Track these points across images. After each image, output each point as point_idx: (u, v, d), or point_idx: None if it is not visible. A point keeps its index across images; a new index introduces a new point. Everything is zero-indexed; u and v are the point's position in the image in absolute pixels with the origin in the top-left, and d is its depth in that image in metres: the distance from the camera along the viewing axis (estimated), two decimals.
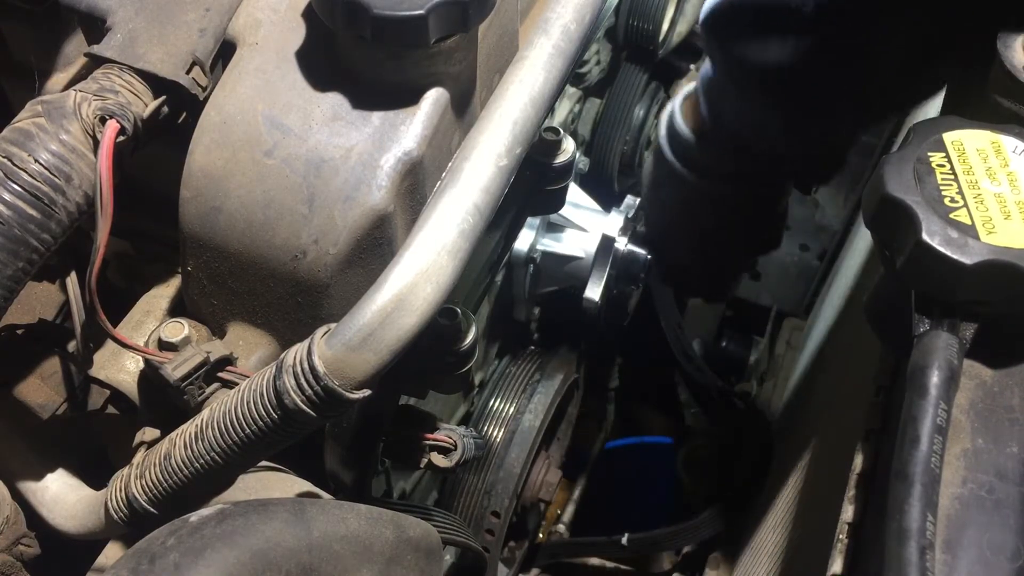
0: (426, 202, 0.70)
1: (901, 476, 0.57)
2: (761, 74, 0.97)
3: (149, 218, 0.81)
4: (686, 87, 1.22)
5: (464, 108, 0.75)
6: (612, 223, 1.39)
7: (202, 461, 0.67)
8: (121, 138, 0.67)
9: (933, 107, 1.04)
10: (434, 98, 0.70)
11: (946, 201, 0.65)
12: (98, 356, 0.78)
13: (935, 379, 0.60)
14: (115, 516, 0.72)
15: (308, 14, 0.72)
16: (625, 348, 1.87)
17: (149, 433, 0.76)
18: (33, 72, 0.80)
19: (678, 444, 1.79)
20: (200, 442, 0.67)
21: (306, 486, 0.75)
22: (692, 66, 1.86)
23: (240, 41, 0.73)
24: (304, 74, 0.71)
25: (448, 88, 0.71)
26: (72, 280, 0.75)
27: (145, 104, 0.70)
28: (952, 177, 0.67)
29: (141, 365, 0.76)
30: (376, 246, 0.70)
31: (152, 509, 0.70)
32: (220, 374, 0.73)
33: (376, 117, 0.69)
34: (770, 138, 1.07)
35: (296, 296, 0.72)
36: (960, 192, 0.66)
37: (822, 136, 1.07)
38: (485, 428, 1.34)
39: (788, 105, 1.00)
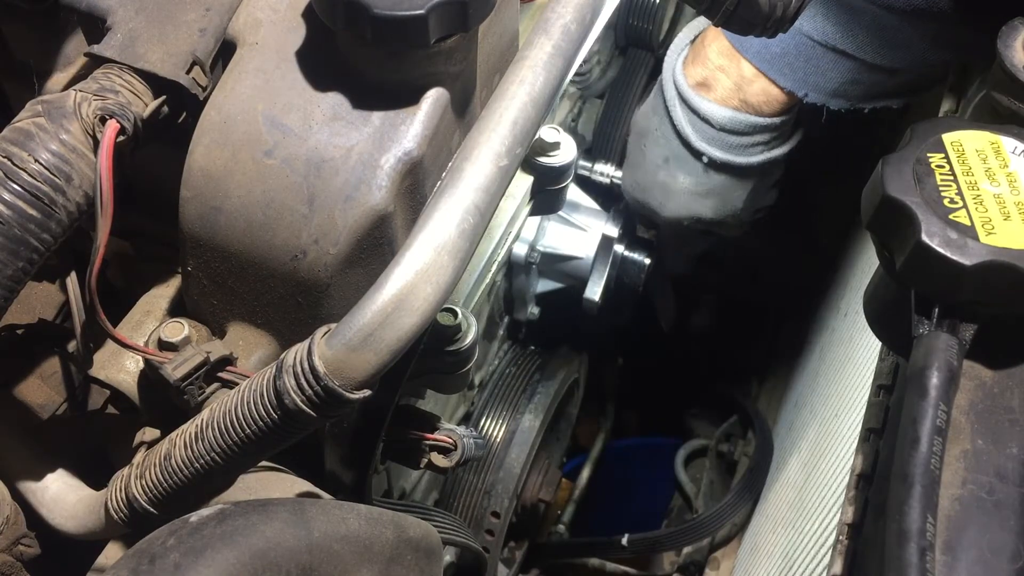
0: (426, 202, 0.70)
1: (901, 477, 0.57)
2: None
3: (149, 218, 0.81)
4: (707, 100, 1.21)
5: (464, 108, 0.75)
6: (612, 223, 1.39)
7: (202, 461, 0.67)
8: (121, 138, 0.67)
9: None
10: (434, 98, 0.70)
11: (945, 202, 0.65)
12: (98, 356, 0.78)
13: (935, 380, 0.60)
14: (115, 516, 0.72)
15: (308, 14, 0.72)
16: (625, 348, 1.87)
17: (149, 433, 0.76)
18: (33, 72, 0.80)
19: (678, 444, 1.79)
20: (200, 442, 0.67)
21: (306, 486, 0.75)
22: None
23: (240, 41, 0.73)
24: (304, 74, 0.71)
25: (448, 88, 0.71)
26: (72, 280, 0.75)
27: (145, 104, 0.70)
28: (951, 178, 0.67)
29: (141, 365, 0.76)
30: (376, 246, 0.70)
31: (152, 509, 0.70)
32: (220, 374, 0.73)
33: (376, 117, 0.69)
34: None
35: (296, 296, 0.72)
36: (959, 193, 0.66)
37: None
38: (485, 428, 1.34)
39: None
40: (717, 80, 1.21)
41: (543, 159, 0.92)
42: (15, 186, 0.63)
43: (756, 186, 1.32)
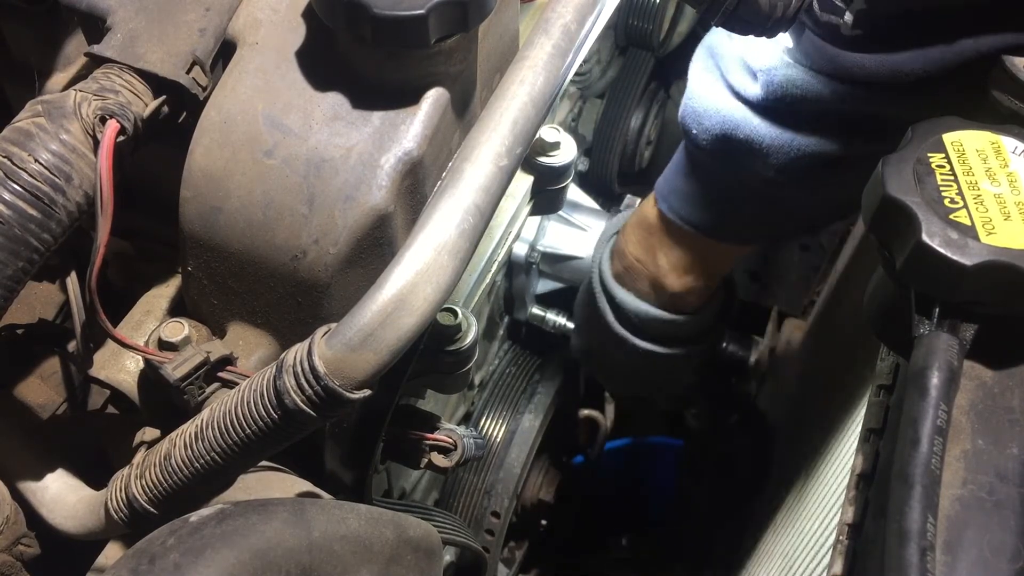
0: (426, 202, 0.71)
1: (901, 477, 0.57)
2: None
3: (149, 218, 0.81)
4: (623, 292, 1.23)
5: (464, 108, 0.75)
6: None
7: (202, 461, 0.67)
8: (121, 138, 0.67)
9: None
10: (434, 98, 0.70)
11: (946, 202, 0.65)
12: (98, 356, 0.78)
13: (935, 380, 0.60)
14: (115, 516, 0.72)
15: (308, 14, 0.72)
16: None
17: (149, 433, 0.76)
18: (33, 72, 0.80)
19: (678, 444, 1.79)
20: (200, 442, 0.67)
21: (306, 486, 0.75)
22: None
23: (240, 41, 0.73)
24: (304, 74, 0.71)
25: (448, 88, 0.71)
26: (72, 280, 0.75)
27: (145, 104, 0.70)
28: (952, 178, 0.67)
29: (141, 365, 0.76)
30: (376, 246, 0.70)
31: (152, 509, 0.70)
32: (220, 374, 0.73)
33: (376, 117, 0.69)
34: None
35: (296, 296, 0.72)
36: (960, 193, 0.66)
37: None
38: (485, 428, 1.34)
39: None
40: (636, 273, 1.22)
41: (543, 159, 0.92)
42: (15, 186, 0.63)
43: (684, 366, 1.34)
